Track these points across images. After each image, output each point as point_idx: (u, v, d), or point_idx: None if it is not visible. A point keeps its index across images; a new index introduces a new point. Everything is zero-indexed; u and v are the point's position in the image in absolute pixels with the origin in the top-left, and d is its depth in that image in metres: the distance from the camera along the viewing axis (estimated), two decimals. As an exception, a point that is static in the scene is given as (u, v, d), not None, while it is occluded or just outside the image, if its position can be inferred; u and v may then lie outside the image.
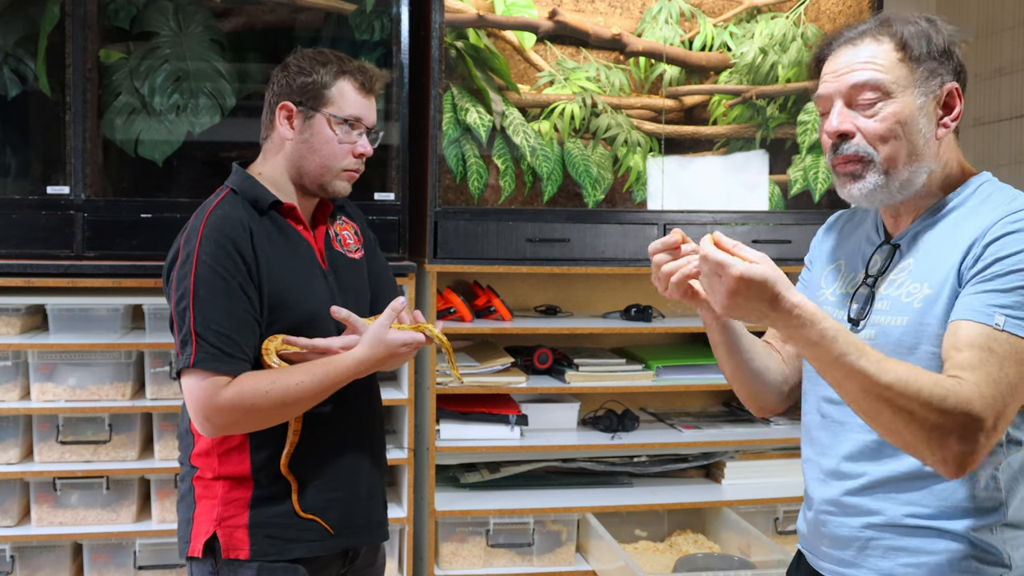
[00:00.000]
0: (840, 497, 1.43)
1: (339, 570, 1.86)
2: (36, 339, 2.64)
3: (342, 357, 1.72)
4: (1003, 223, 1.31)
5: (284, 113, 1.81)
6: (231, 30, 2.77)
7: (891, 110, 1.36)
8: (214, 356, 1.66)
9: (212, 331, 1.66)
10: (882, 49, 1.38)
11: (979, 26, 3.64)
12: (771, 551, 2.70)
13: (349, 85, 1.82)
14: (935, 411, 1.20)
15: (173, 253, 1.74)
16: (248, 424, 1.71)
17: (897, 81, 1.37)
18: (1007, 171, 3.48)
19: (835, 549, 1.45)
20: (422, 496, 2.84)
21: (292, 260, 1.79)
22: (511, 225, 2.90)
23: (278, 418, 1.72)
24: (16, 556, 2.64)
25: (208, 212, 1.74)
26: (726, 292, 1.23)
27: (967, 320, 1.27)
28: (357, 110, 1.83)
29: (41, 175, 2.67)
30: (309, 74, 1.81)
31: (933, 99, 1.38)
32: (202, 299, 1.67)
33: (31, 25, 2.64)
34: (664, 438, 3.02)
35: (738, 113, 3.05)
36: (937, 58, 1.38)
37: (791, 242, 3.06)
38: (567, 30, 2.92)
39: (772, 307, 1.22)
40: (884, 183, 1.38)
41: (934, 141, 1.39)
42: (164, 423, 2.71)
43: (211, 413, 1.66)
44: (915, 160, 1.38)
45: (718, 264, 1.22)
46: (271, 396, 1.66)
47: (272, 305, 1.74)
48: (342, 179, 1.84)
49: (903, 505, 1.37)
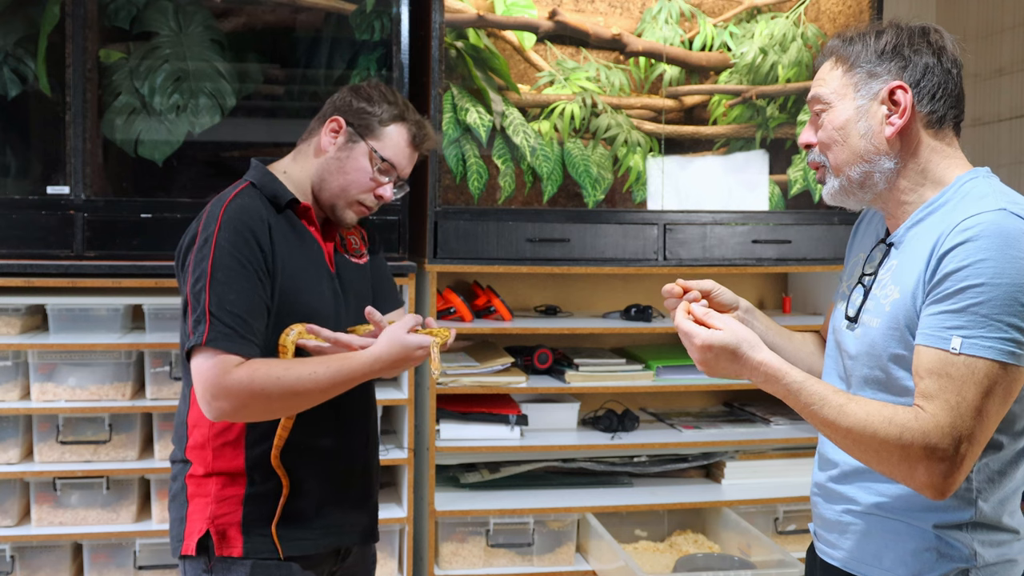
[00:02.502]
0: (825, 483, 1.53)
1: (331, 568, 1.87)
2: (36, 339, 2.64)
3: (358, 353, 1.71)
4: (956, 231, 1.31)
5: (333, 126, 1.85)
6: (231, 30, 2.77)
7: (829, 118, 1.47)
8: (227, 336, 1.64)
9: (227, 312, 1.65)
10: (826, 64, 1.50)
11: (979, 26, 3.64)
12: (771, 551, 2.70)
13: (402, 133, 1.86)
14: (894, 449, 1.28)
15: (189, 238, 1.74)
16: (255, 409, 1.67)
17: (835, 91, 1.46)
18: (1007, 171, 3.48)
19: (823, 530, 1.55)
20: (422, 496, 2.84)
21: (303, 259, 1.80)
22: (511, 225, 2.90)
23: (286, 408, 1.70)
24: (16, 556, 2.64)
25: (228, 200, 1.75)
26: (696, 357, 1.40)
27: (925, 346, 1.31)
28: (398, 157, 1.86)
29: (41, 175, 2.67)
30: (372, 104, 1.85)
31: (876, 100, 1.43)
32: (219, 281, 1.67)
33: (31, 25, 2.64)
34: (664, 438, 3.02)
35: (738, 113, 3.05)
36: (873, 60, 1.43)
37: (791, 242, 3.06)
38: (567, 30, 2.92)
39: (740, 366, 1.37)
40: (841, 186, 1.48)
41: (882, 139, 1.43)
42: (164, 423, 2.71)
43: (220, 392, 1.63)
44: (860, 160, 1.44)
45: (684, 334, 1.40)
46: (282, 383, 1.64)
47: (281, 299, 1.74)
48: (353, 209, 1.87)
49: (874, 495, 1.45)
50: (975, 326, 1.27)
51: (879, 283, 1.45)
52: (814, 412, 1.34)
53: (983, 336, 1.26)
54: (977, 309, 1.27)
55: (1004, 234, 1.28)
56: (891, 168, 1.44)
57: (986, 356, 1.26)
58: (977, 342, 1.26)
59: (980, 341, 1.26)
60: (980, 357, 1.26)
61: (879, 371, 1.42)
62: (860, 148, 1.44)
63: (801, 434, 3.03)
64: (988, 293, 1.26)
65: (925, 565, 1.40)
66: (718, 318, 1.40)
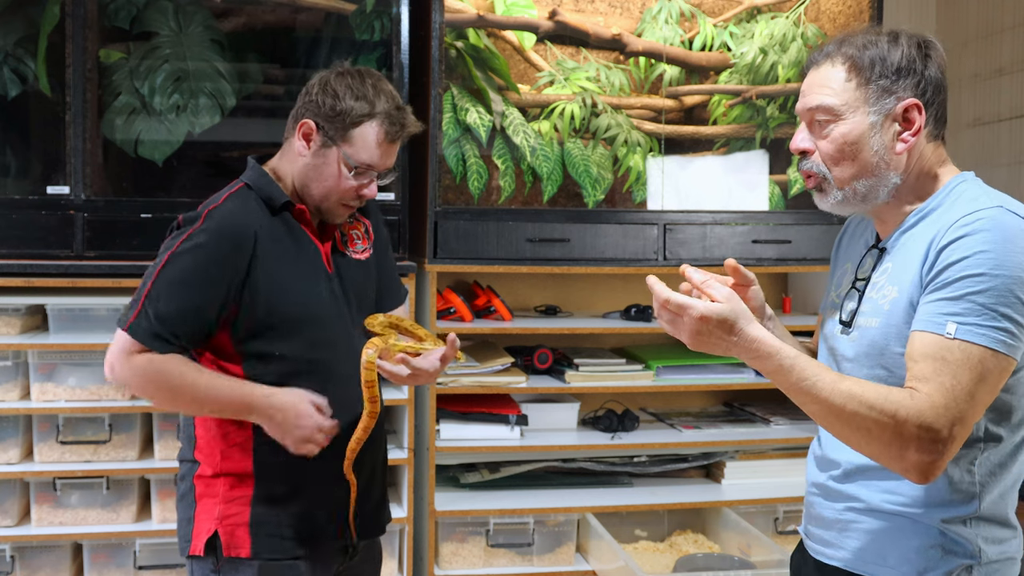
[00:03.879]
0: (825, 482, 1.53)
1: (338, 566, 1.87)
2: (36, 339, 2.64)
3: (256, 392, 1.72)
4: (955, 227, 1.33)
5: (304, 130, 1.79)
6: (231, 30, 2.77)
7: (840, 131, 1.43)
8: (147, 331, 1.69)
9: (158, 311, 1.69)
10: (835, 72, 1.44)
11: (979, 26, 3.64)
12: (771, 551, 2.70)
13: (373, 131, 1.78)
14: (888, 425, 1.27)
15: (174, 224, 1.77)
16: (148, 392, 1.74)
17: (847, 103, 1.42)
18: (1007, 171, 3.48)
19: (820, 529, 1.54)
20: (422, 496, 2.84)
21: (296, 262, 1.79)
22: (511, 225, 2.90)
23: (176, 405, 1.77)
24: (16, 556, 2.64)
25: (219, 203, 1.76)
26: (691, 332, 1.33)
27: (921, 331, 1.31)
28: (374, 159, 1.79)
29: (41, 175, 2.67)
30: (339, 100, 1.77)
31: (889, 117, 1.42)
32: (167, 279, 1.70)
33: (31, 25, 2.64)
34: (664, 438, 3.02)
35: (738, 113, 3.05)
36: (890, 76, 1.41)
37: (791, 242, 3.06)
38: (567, 30, 2.92)
39: (732, 342, 1.33)
40: (844, 198, 1.45)
41: (894, 155, 1.42)
42: (164, 423, 2.71)
43: (117, 363, 1.71)
44: (869, 175, 1.43)
45: (679, 307, 1.32)
46: (180, 380, 1.69)
47: (268, 305, 1.74)
48: (339, 210, 1.84)
49: (880, 492, 1.44)
50: (971, 314, 1.28)
51: (874, 286, 1.46)
52: (806, 388, 1.30)
53: (978, 324, 1.28)
54: (974, 298, 1.28)
55: (1003, 228, 1.31)
56: (896, 183, 1.44)
57: (981, 343, 1.27)
58: (973, 329, 1.28)
59: (976, 328, 1.28)
60: (975, 343, 1.27)
61: (880, 369, 1.42)
62: (871, 164, 1.43)
63: (801, 434, 3.02)
64: (986, 283, 1.28)
65: (931, 562, 1.40)
66: (719, 289, 1.34)
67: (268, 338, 1.76)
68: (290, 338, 1.77)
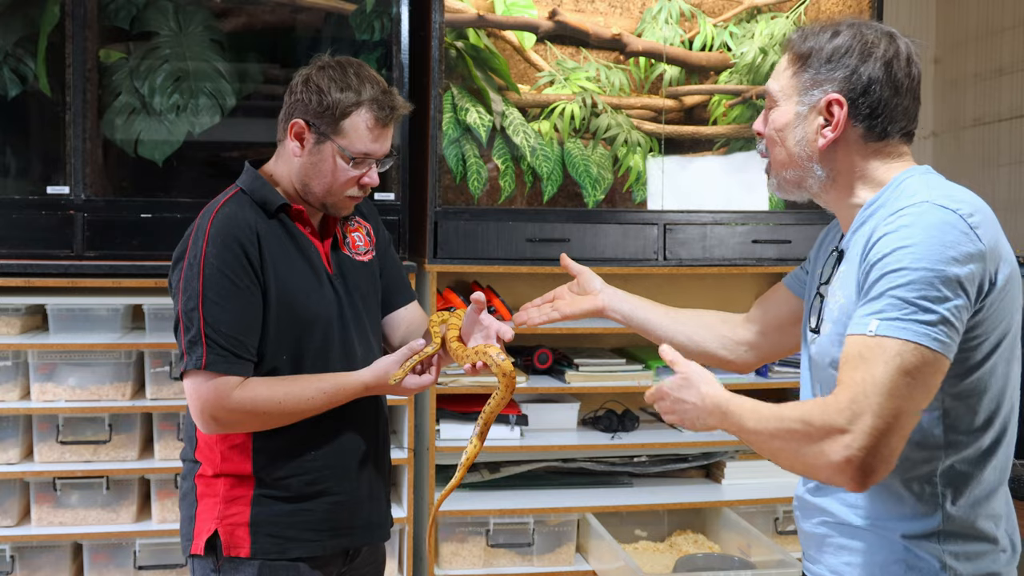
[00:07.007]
0: (803, 495, 1.50)
1: (339, 569, 1.87)
2: (36, 339, 2.64)
3: (350, 379, 1.75)
4: (883, 225, 1.30)
5: (295, 130, 1.78)
6: (231, 30, 2.77)
7: (773, 116, 1.46)
8: (225, 359, 1.67)
9: (223, 334, 1.67)
10: (783, 59, 1.47)
11: (979, 26, 3.64)
12: (771, 551, 2.70)
13: (365, 119, 1.76)
14: (798, 431, 1.25)
15: (179, 252, 1.74)
16: (251, 426, 1.73)
17: (782, 90, 1.45)
18: (1007, 171, 3.48)
19: (804, 543, 1.52)
20: (422, 496, 2.84)
21: (298, 264, 1.79)
22: (511, 225, 2.90)
23: (280, 424, 1.75)
24: (16, 556, 2.64)
25: (215, 212, 1.74)
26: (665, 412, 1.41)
27: (850, 334, 1.28)
28: (369, 147, 1.78)
29: (41, 175, 2.67)
30: (324, 95, 1.75)
31: (815, 109, 1.41)
32: (211, 302, 1.68)
33: (31, 25, 2.64)
34: (664, 438, 3.02)
35: (738, 113, 3.05)
36: (822, 65, 1.40)
37: (791, 242, 3.06)
38: (567, 30, 2.92)
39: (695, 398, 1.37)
40: (779, 184, 1.48)
41: (815, 149, 1.41)
42: (164, 423, 2.71)
43: (220, 413, 1.68)
44: (793, 165, 1.44)
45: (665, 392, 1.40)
46: (283, 407, 1.71)
47: (278, 308, 1.74)
48: (345, 202, 1.83)
49: (846, 506, 1.40)
50: (892, 308, 1.24)
51: (831, 291, 1.43)
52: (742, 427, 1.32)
53: (899, 318, 1.23)
54: (894, 292, 1.24)
55: (925, 224, 1.27)
56: (822, 176, 1.42)
57: (900, 336, 1.22)
58: (892, 323, 1.23)
59: (895, 323, 1.23)
60: (893, 337, 1.23)
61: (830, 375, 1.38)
62: (795, 153, 1.42)
63: (801, 434, 3.03)
64: (906, 277, 1.24)
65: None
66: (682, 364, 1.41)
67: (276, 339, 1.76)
68: (293, 338, 1.77)
